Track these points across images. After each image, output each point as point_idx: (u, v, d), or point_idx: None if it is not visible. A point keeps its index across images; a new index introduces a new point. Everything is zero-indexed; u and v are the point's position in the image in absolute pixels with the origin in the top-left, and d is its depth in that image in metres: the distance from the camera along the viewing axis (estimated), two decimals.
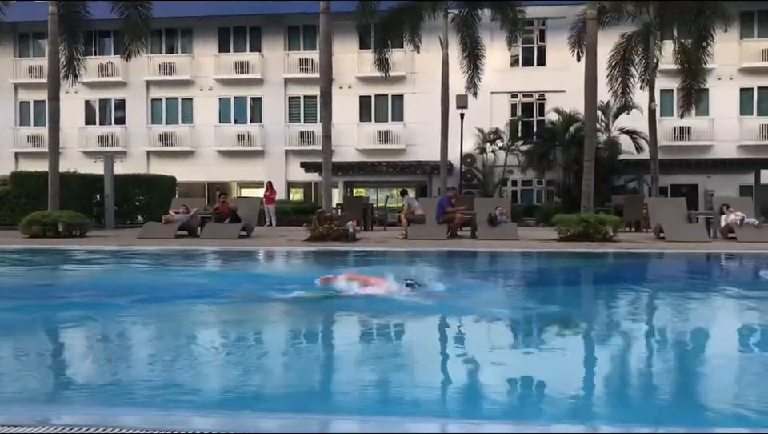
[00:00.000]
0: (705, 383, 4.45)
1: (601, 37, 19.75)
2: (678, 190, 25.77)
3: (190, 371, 4.55)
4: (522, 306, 7.36)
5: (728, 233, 15.92)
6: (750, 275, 11.44)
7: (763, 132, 26.98)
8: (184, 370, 4.57)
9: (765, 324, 6.52)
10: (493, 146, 27.56)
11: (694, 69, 20.97)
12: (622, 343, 5.73)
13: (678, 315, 7.10)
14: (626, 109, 23.89)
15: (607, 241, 15.13)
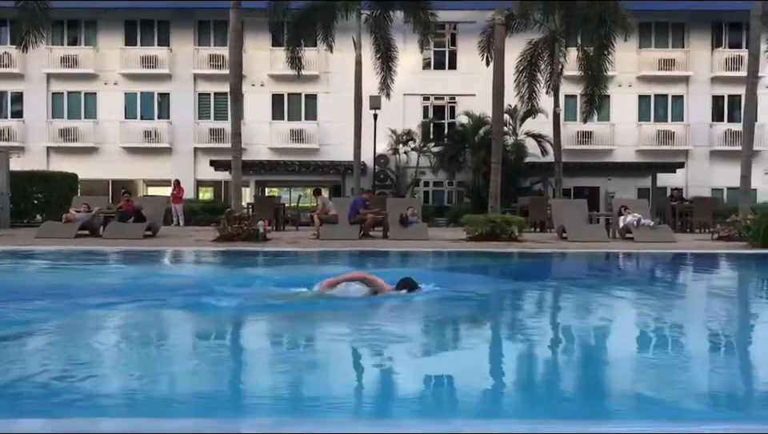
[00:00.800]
0: (595, 376, 4.63)
1: (509, 42, 20.34)
2: (580, 192, 26.83)
3: (83, 380, 4.34)
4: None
5: (626, 233, 16.68)
6: (645, 272, 12.02)
7: (660, 137, 28.48)
8: (77, 379, 4.36)
9: (654, 317, 6.86)
10: (405, 148, 27.87)
11: (596, 76, 21.86)
12: (523, 339, 5.89)
13: (575, 310, 7.36)
14: (532, 113, 24.67)
15: (513, 241, 15.56)
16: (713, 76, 28.38)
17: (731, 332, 6.37)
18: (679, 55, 28.50)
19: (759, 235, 14.64)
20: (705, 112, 28.62)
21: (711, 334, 6.23)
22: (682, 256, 13.89)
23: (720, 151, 27.95)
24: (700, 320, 6.90)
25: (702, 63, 28.44)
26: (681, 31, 28.80)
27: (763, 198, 25.37)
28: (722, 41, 28.71)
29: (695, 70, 28.37)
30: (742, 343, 5.93)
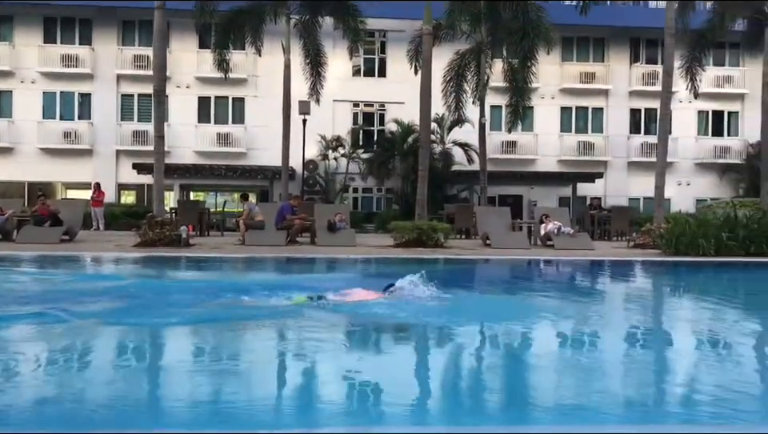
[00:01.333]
0: (499, 378, 4.75)
1: (437, 52, 20.67)
2: (504, 200, 27.46)
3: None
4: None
5: (547, 240, 17.17)
6: (564, 277, 12.41)
7: (580, 148, 29.47)
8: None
9: (568, 318, 7.09)
10: (335, 154, 27.87)
11: (520, 87, 22.44)
12: (446, 343, 5.99)
13: (495, 314, 7.51)
14: (459, 122, 25.11)
15: (439, 247, 15.78)
16: (631, 90, 29.60)
17: (639, 335, 6.65)
18: (599, 69, 29.60)
19: (671, 243, 15.33)
20: (623, 124, 29.81)
21: (622, 337, 6.49)
22: (599, 263, 14.40)
23: (637, 162, 29.13)
24: (612, 324, 7.18)
25: (621, 77, 29.63)
26: (601, 46, 29.93)
27: (677, 207, 26.59)
28: (640, 56, 29.98)
29: (614, 83, 29.52)
30: (649, 345, 6.20)
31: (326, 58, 23.57)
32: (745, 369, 5.31)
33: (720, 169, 29.59)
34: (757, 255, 14.70)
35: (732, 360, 5.64)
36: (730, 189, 29.28)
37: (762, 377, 5.13)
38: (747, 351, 6.14)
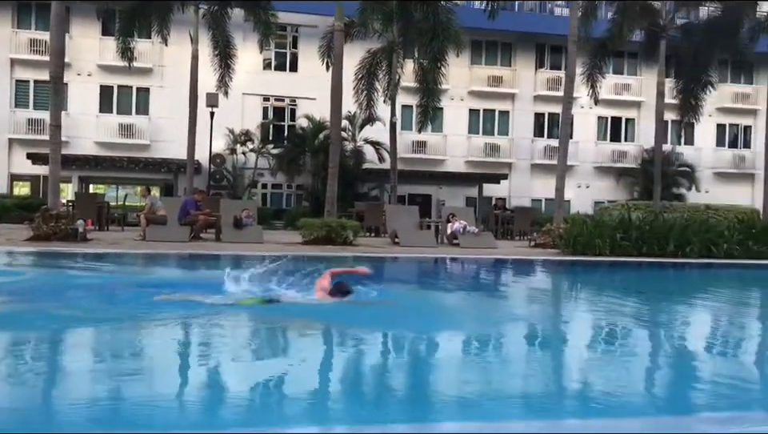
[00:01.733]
0: (406, 375, 4.79)
1: (349, 50, 20.66)
2: (414, 199, 27.81)
3: None
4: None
5: (453, 239, 17.50)
6: (467, 274, 12.68)
7: (487, 150, 30.20)
8: None
9: (473, 313, 7.25)
10: (243, 148, 27.38)
11: (430, 88, 22.72)
12: (347, 341, 5.97)
13: (399, 310, 7.55)
14: (370, 121, 25.20)
15: (348, 245, 15.77)
16: (535, 95, 30.59)
17: (536, 329, 6.87)
18: (506, 73, 30.43)
19: (570, 243, 15.94)
20: (528, 128, 30.78)
21: (515, 331, 6.69)
22: (501, 261, 14.81)
23: (540, 165, 30.14)
24: (505, 319, 7.38)
25: (527, 82, 30.57)
26: (508, 51, 30.78)
27: (576, 209, 27.68)
28: (545, 62, 31.03)
29: (520, 88, 30.42)
30: (539, 339, 6.42)
31: (235, 50, 23.11)
32: (631, 360, 5.58)
33: (617, 173, 31.05)
34: (648, 255, 15.50)
35: (619, 352, 5.91)
36: (625, 192, 30.77)
37: (643, 367, 5.40)
38: (634, 343, 6.45)
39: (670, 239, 15.85)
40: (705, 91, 24.73)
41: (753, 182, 31.31)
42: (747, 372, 5.52)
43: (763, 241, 16.51)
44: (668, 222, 16.77)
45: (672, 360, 5.94)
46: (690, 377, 5.15)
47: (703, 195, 29.73)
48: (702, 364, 5.74)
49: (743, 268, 14.94)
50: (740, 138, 32.91)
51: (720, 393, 4.64)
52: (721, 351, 6.43)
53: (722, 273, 14.46)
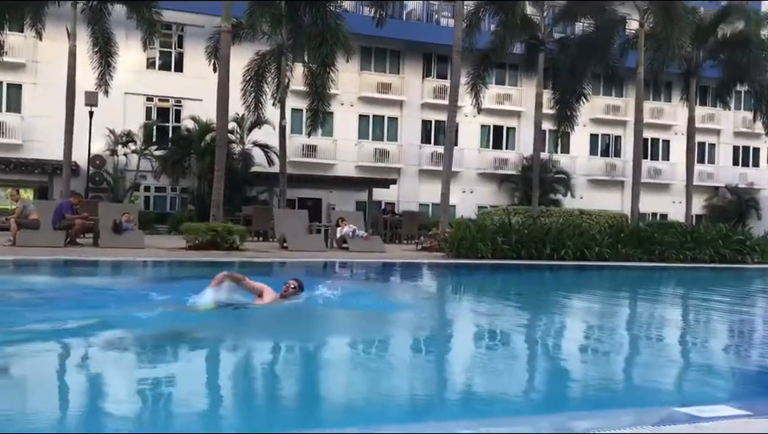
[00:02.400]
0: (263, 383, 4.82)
1: (237, 51, 20.38)
2: (304, 203, 27.72)
3: None
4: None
5: (342, 243, 17.60)
6: (355, 277, 12.82)
7: (376, 155, 30.59)
8: None
9: (350, 318, 7.35)
10: (125, 149, 26.31)
11: (320, 92, 22.77)
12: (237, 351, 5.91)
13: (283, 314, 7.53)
14: (259, 123, 24.91)
15: (234, 250, 15.51)
16: (423, 102, 31.30)
17: (416, 331, 7.07)
18: (395, 81, 30.96)
19: (454, 246, 16.44)
20: (415, 134, 31.44)
21: (401, 333, 6.85)
22: (389, 264, 15.07)
23: (427, 171, 30.85)
24: (390, 321, 7.54)
25: (414, 90, 31.24)
26: (397, 59, 31.34)
27: (461, 213, 28.54)
28: (432, 71, 31.82)
29: (408, 95, 31.04)
30: (430, 339, 6.62)
31: (117, 48, 22.18)
32: (508, 358, 5.86)
33: (499, 179, 32.29)
34: (527, 258, 16.24)
35: (496, 351, 6.19)
36: (507, 197, 32.05)
37: (520, 366, 5.69)
38: (510, 342, 6.77)
39: (546, 243, 16.67)
40: (579, 103, 26.25)
41: (622, 189, 33.44)
42: (617, 369, 5.94)
43: (631, 244, 17.69)
44: (545, 226, 17.65)
45: (546, 358, 6.29)
46: (563, 374, 5.48)
47: (578, 201, 31.47)
48: (574, 361, 6.11)
49: (613, 270, 15.96)
50: (611, 148, 35.09)
51: (590, 389, 4.98)
52: (593, 348, 6.86)
53: (594, 274, 15.39)
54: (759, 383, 5.50)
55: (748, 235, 19.45)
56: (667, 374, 5.67)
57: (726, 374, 5.82)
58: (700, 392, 4.98)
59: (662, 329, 8.52)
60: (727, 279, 15.66)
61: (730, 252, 18.12)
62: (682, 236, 18.23)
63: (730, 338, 8.01)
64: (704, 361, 6.44)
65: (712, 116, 35.37)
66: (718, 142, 36.73)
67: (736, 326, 9.03)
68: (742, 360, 6.59)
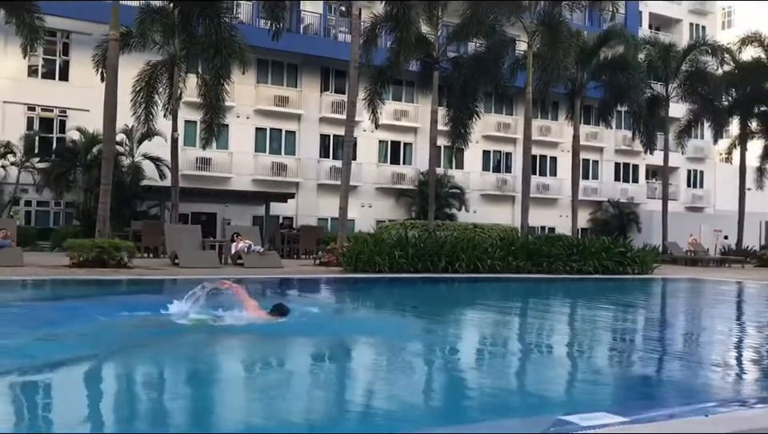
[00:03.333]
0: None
1: (127, 60, 19.70)
2: (198, 217, 26.97)
3: None
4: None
5: (237, 259, 17.24)
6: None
7: (274, 168, 30.24)
8: None
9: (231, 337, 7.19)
10: (3, 161, 24.71)
11: (214, 104, 22.27)
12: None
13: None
14: (149, 135, 24.05)
15: (122, 267, 14.89)
16: (321, 116, 31.27)
17: (311, 346, 7.00)
18: (293, 94, 30.78)
19: (352, 260, 16.47)
20: (314, 148, 31.35)
21: (295, 349, 6.76)
22: (285, 280, 14.89)
23: (326, 185, 30.78)
24: (273, 335, 7.44)
25: (312, 104, 31.17)
26: (294, 72, 31.18)
27: (360, 227, 28.64)
28: (330, 85, 31.88)
29: (306, 109, 30.93)
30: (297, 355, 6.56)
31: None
32: (405, 369, 5.89)
33: (397, 193, 32.68)
34: (423, 271, 16.50)
35: (387, 362, 6.21)
36: (404, 211, 32.48)
37: (418, 376, 5.74)
38: (403, 350, 6.82)
39: (442, 256, 17.03)
40: (472, 120, 27.03)
41: (513, 204, 34.64)
42: (504, 379, 6.09)
43: (521, 257, 18.34)
44: (440, 240, 18.03)
45: (435, 370, 6.38)
46: (451, 386, 5.56)
47: (472, 215, 32.31)
48: (462, 372, 6.22)
49: (504, 282, 16.48)
50: (502, 164, 36.32)
51: (477, 400, 5.07)
52: (481, 359, 7.01)
53: (487, 286, 15.81)
54: (635, 390, 5.79)
55: (629, 247, 20.59)
56: (552, 383, 5.88)
57: (606, 381, 6.10)
58: (582, 400, 5.18)
59: (548, 339, 8.84)
60: (610, 289, 16.50)
61: (613, 264, 19.14)
62: (568, 249, 19.08)
63: (610, 347, 8.42)
64: (586, 370, 6.73)
65: (595, 134, 37.36)
66: (601, 158, 38.81)
67: (617, 335, 9.51)
68: (620, 368, 6.93)
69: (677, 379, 6.38)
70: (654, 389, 5.92)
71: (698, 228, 34.77)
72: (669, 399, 5.55)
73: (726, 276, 20.88)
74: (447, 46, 26.11)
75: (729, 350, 8.54)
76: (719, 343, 9.11)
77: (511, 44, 28.02)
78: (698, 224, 35.84)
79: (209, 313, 7.56)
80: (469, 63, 26.50)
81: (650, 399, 5.42)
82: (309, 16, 31.14)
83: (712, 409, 4.82)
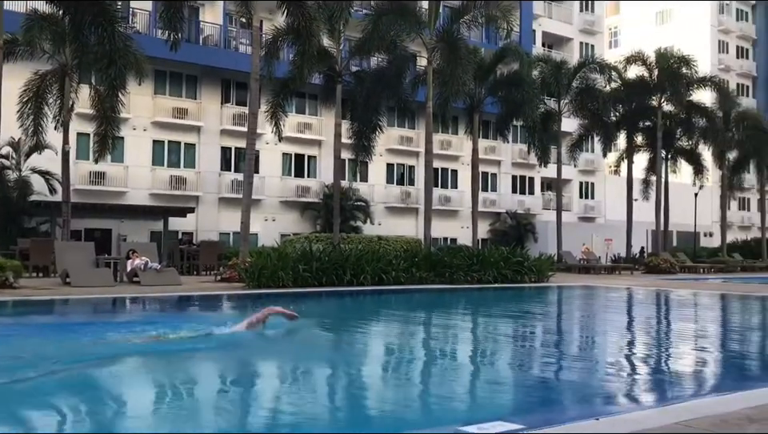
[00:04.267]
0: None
1: (14, 69, 18.67)
2: (92, 234, 25.77)
3: None
4: None
5: (133, 277, 16.60)
6: (132, 315, 12.10)
7: (172, 182, 29.35)
8: None
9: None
10: None
11: (109, 116, 21.38)
12: None
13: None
14: (38, 148, 22.81)
15: (7, 288, 14.02)
16: (222, 129, 30.65)
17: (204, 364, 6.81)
18: (192, 106, 30.03)
19: (255, 276, 16.20)
20: (215, 161, 30.66)
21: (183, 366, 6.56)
22: (184, 298, 14.45)
23: (228, 198, 30.17)
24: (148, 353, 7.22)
25: (213, 116, 30.51)
26: (194, 83, 30.45)
27: (263, 242, 28.22)
28: (231, 97, 31.33)
29: (206, 121, 30.24)
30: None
31: None
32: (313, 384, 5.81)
33: (302, 207, 32.45)
34: (328, 285, 16.44)
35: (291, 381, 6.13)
36: (309, 225, 32.29)
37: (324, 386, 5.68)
38: (300, 365, 6.75)
39: (346, 269, 17.03)
40: (375, 133, 27.28)
41: (417, 216, 35.16)
42: (405, 391, 6.13)
43: (424, 268, 18.63)
44: (345, 253, 18.03)
45: (334, 382, 6.35)
46: (353, 398, 5.54)
47: (377, 227, 32.55)
48: (366, 384, 6.22)
49: (408, 293, 16.67)
50: (406, 177, 36.82)
51: (378, 412, 5.08)
52: (383, 372, 7.04)
53: (391, 298, 15.94)
54: (532, 396, 5.98)
55: (526, 256, 21.32)
56: (452, 394, 5.97)
57: (505, 389, 6.26)
58: (481, 410, 5.30)
59: (448, 349, 9.00)
60: (509, 297, 17.02)
61: (511, 273, 19.77)
62: (469, 259, 19.56)
63: (509, 354, 8.66)
64: (486, 379, 6.89)
65: (494, 148, 38.55)
66: (499, 171, 40.07)
67: (516, 343, 9.80)
68: (518, 375, 7.14)
69: (572, 384, 6.64)
70: (551, 394, 6.13)
71: (590, 237, 36.51)
72: (563, 404, 5.76)
73: (616, 283, 21.99)
74: (350, 60, 26.26)
75: (620, 354, 8.97)
76: (611, 347, 9.56)
77: (412, 59, 28.49)
78: (590, 233, 37.61)
79: None
80: (371, 77, 26.77)
81: (545, 405, 5.61)
82: (209, 27, 30.54)
83: (604, 412, 5.04)
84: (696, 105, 35.21)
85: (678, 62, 33.33)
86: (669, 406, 5.33)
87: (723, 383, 6.85)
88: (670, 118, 35.25)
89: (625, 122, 35.39)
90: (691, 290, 19.80)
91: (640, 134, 36.35)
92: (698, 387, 6.71)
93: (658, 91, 33.96)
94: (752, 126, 37.50)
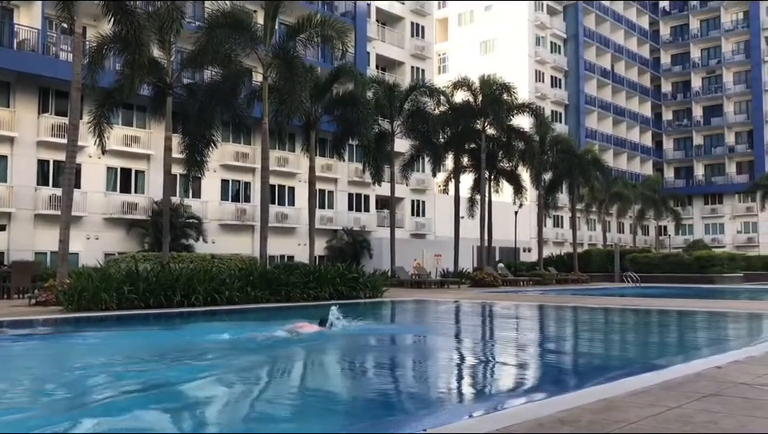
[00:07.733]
0: None
1: None
2: None
3: None
4: None
5: None
6: None
7: None
8: None
9: None
10: None
11: None
12: None
13: None
14: None
15: None
16: (39, 140, 28.36)
17: None
18: (5, 114, 27.54)
19: (74, 298, 15.07)
20: (30, 175, 28.26)
21: None
22: None
23: (45, 215, 27.90)
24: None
25: (29, 126, 28.16)
26: (7, 91, 27.97)
27: (85, 261, 26.34)
28: (50, 107, 29.10)
29: (21, 131, 27.85)
30: None
31: None
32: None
33: (128, 224, 30.75)
34: (156, 307, 15.66)
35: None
36: (137, 243, 30.66)
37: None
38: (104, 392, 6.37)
39: (177, 290, 16.34)
40: (208, 148, 26.49)
41: (253, 233, 34.60)
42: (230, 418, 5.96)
43: (260, 286, 18.32)
44: (175, 273, 17.27)
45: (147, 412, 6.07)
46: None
47: (210, 246, 31.60)
48: (190, 410, 5.98)
49: (242, 313, 16.29)
50: (241, 193, 36.17)
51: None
52: (210, 401, 6.81)
53: (224, 319, 15.49)
54: (392, 407, 6.04)
55: (361, 273, 21.69)
56: (284, 413, 5.91)
57: (358, 403, 6.28)
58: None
59: (274, 370, 8.89)
60: (345, 313, 17.16)
61: (347, 289, 20.02)
62: (305, 276, 19.54)
63: (350, 370, 8.72)
64: (320, 394, 6.88)
65: (330, 166, 38.97)
66: (336, 189, 40.57)
67: (357, 358, 9.89)
68: (349, 389, 7.19)
69: (399, 396, 6.80)
70: (376, 407, 6.24)
71: (421, 253, 37.90)
72: (393, 416, 5.89)
73: (445, 297, 22.96)
74: (182, 71, 25.37)
75: (449, 364, 9.34)
76: (440, 358, 9.94)
77: (248, 74, 28.09)
78: (421, 249, 39.05)
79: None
80: (204, 91, 26.03)
81: (374, 418, 5.70)
82: (24, 31, 28.22)
83: (430, 424, 5.21)
84: (516, 129, 37.88)
85: (499, 89, 35.71)
86: (492, 413, 5.62)
87: (541, 388, 7.35)
88: (493, 141, 37.62)
89: (452, 144, 37.28)
90: (513, 302, 21.15)
91: (466, 155, 38.48)
92: (517, 394, 7.14)
93: (482, 115, 36.15)
94: (564, 149, 41.03)
